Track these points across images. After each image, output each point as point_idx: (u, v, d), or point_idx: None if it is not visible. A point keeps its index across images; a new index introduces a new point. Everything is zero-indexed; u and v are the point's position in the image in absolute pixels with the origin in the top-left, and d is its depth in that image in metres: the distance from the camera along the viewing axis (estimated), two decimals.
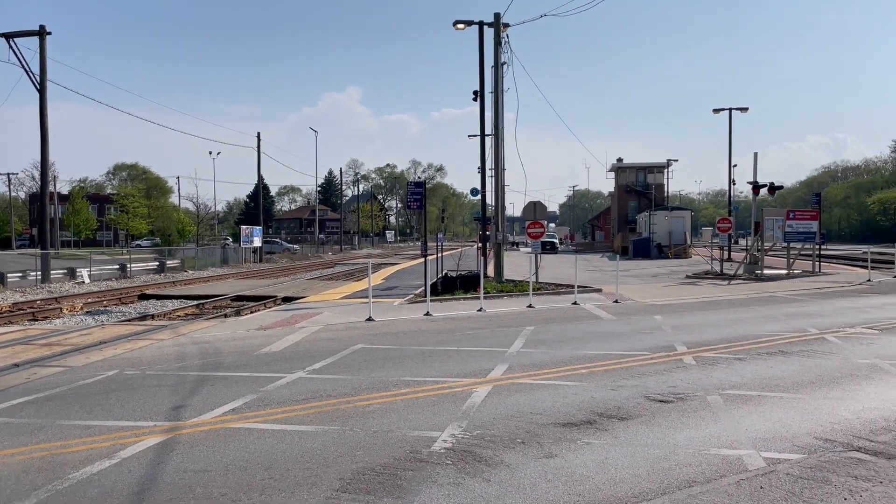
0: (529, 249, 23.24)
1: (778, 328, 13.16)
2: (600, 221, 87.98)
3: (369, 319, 15.11)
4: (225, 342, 12.35)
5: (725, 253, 34.62)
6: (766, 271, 27.09)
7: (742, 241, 63.54)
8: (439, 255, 24.94)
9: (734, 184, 48.11)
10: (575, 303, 18.13)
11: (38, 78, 28.82)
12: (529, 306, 17.48)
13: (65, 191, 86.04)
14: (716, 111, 44.03)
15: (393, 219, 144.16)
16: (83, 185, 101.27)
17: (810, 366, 9.57)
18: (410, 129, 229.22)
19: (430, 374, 9.23)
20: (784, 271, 27.64)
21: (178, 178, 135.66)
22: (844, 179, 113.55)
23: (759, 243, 28.21)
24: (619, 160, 70.98)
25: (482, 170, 26.56)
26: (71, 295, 24.50)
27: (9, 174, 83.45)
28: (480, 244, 27.02)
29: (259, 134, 53.40)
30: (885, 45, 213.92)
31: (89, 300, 23.26)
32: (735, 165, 46.83)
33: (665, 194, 67.03)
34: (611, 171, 71.91)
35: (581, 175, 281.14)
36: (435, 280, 21.56)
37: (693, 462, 5.65)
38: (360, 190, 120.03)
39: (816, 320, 14.28)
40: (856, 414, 7.07)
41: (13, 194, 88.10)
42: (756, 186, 28.13)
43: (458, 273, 23.57)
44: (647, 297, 19.89)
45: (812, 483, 5.17)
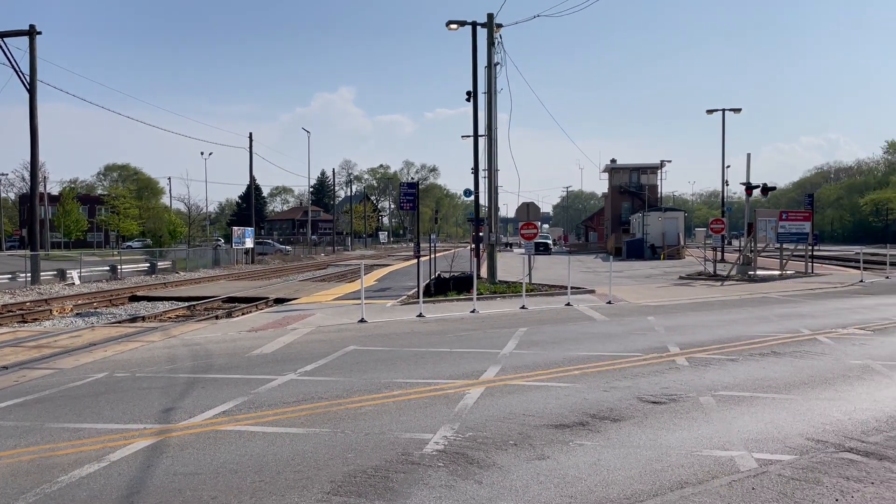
0: (523, 250, 23.24)
1: (770, 329, 13.19)
2: (594, 222, 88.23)
3: (362, 321, 15.07)
4: (216, 344, 12.29)
5: (718, 254, 34.68)
6: (759, 272, 27.17)
7: (735, 242, 63.62)
8: (432, 256, 24.91)
9: (727, 185, 48.38)
10: (568, 304, 18.14)
11: (28, 78, 28.66)
12: (523, 307, 17.48)
13: (55, 191, 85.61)
14: (709, 112, 44.20)
15: (386, 220, 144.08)
16: (74, 185, 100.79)
17: (802, 367, 9.59)
18: (404, 130, 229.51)
19: (422, 375, 9.21)
20: (777, 272, 27.74)
21: (169, 178, 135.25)
22: (837, 180, 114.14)
23: (752, 244, 28.30)
24: (613, 161, 71.19)
25: (475, 171, 26.58)
26: (61, 297, 24.36)
27: None
28: (474, 245, 27.03)
29: (251, 134, 53.19)
30: (877, 46, 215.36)
31: (79, 302, 23.13)
32: (728, 166, 47.01)
33: (659, 195, 67.24)
34: (604, 171, 72.07)
35: (575, 176, 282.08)
36: (428, 281, 21.53)
37: (685, 463, 5.64)
38: (353, 191, 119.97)
39: (809, 321, 14.33)
40: (847, 415, 7.08)
41: (3, 195, 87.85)
42: (749, 187, 28.25)
43: (452, 274, 23.52)
44: (640, 298, 19.92)
45: (803, 484, 5.18)
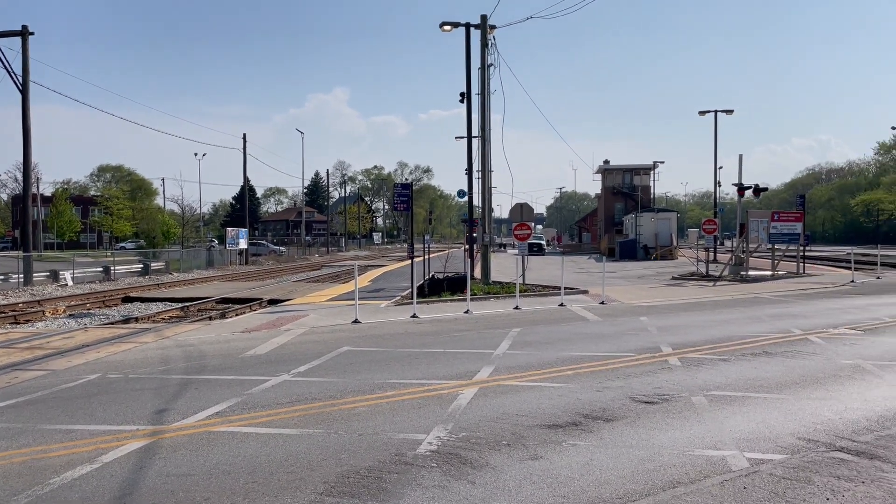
0: (516, 251, 23.26)
1: (762, 329, 13.25)
2: (587, 223, 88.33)
3: (355, 322, 15.07)
4: (209, 345, 12.27)
5: (711, 254, 34.80)
6: (751, 272, 27.28)
7: (727, 243, 63.98)
8: (426, 256, 24.93)
9: (720, 185, 48.61)
10: (561, 304, 18.17)
11: (20, 79, 28.52)
12: (516, 308, 17.50)
13: (48, 192, 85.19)
14: (701, 113, 44.38)
15: (380, 221, 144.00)
16: (67, 186, 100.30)
17: (794, 366, 9.63)
18: (397, 131, 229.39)
19: (416, 376, 9.21)
20: (769, 272, 27.85)
21: (163, 179, 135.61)
22: (829, 181, 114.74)
23: (745, 245, 28.41)
24: (606, 162, 71.28)
25: (469, 172, 26.61)
26: (54, 298, 24.25)
27: None
28: (467, 246, 27.02)
29: (245, 135, 53.05)
30: (870, 48, 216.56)
31: (72, 303, 23.05)
32: (721, 167, 47.21)
33: (651, 196, 67.38)
34: (597, 172, 72.21)
35: (568, 177, 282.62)
36: (422, 282, 21.54)
37: (677, 463, 5.67)
38: (347, 192, 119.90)
39: (800, 321, 14.40)
40: (838, 414, 7.13)
41: None
42: (741, 188, 28.37)
43: (445, 275, 23.54)
44: (633, 298, 19.97)
45: (795, 483, 5.21)
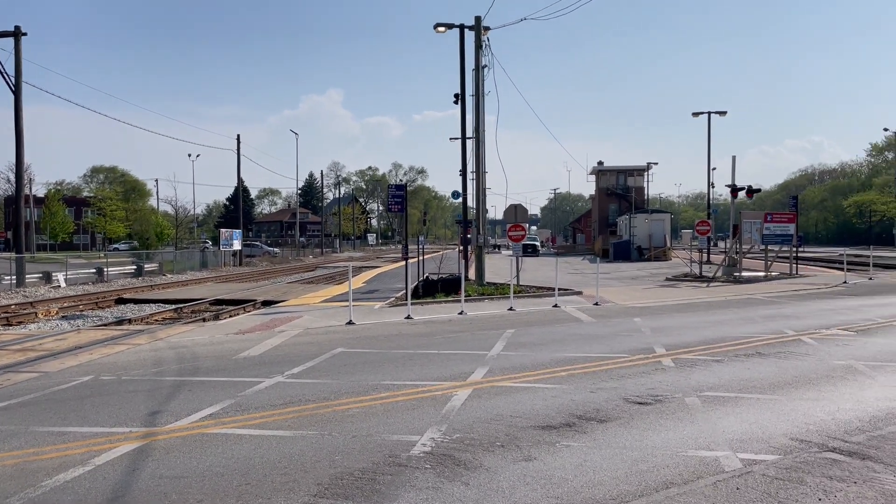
0: (511, 252, 23.28)
1: (755, 330, 13.30)
2: (581, 224, 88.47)
3: (350, 323, 15.05)
4: (203, 347, 12.23)
5: (704, 255, 34.92)
6: (745, 273, 27.37)
7: (721, 244, 64.18)
8: (421, 258, 24.89)
9: (713, 187, 48.74)
10: (556, 305, 18.20)
11: (13, 79, 28.39)
12: (510, 309, 17.52)
13: (41, 193, 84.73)
14: (695, 115, 44.54)
15: (375, 222, 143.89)
16: (60, 187, 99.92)
17: (787, 367, 9.67)
18: (392, 132, 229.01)
19: (410, 377, 9.21)
20: (762, 273, 27.95)
21: (156, 180, 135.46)
22: (821, 182, 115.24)
23: (738, 246, 28.51)
24: (600, 163, 71.36)
25: (463, 173, 26.63)
26: (46, 299, 24.13)
27: None
28: (462, 247, 27.04)
29: (239, 136, 53.01)
30: (863, 51, 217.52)
31: (65, 304, 22.94)
32: (714, 168, 47.45)
33: (645, 197, 67.54)
34: (591, 174, 72.24)
35: (562, 178, 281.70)
36: (416, 283, 21.51)
37: (671, 464, 5.68)
38: (342, 193, 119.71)
39: (793, 322, 14.46)
40: (831, 415, 7.16)
41: None
42: (734, 189, 28.44)
43: (440, 276, 23.51)
44: (626, 299, 20.01)
45: (787, 484, 5.23)
